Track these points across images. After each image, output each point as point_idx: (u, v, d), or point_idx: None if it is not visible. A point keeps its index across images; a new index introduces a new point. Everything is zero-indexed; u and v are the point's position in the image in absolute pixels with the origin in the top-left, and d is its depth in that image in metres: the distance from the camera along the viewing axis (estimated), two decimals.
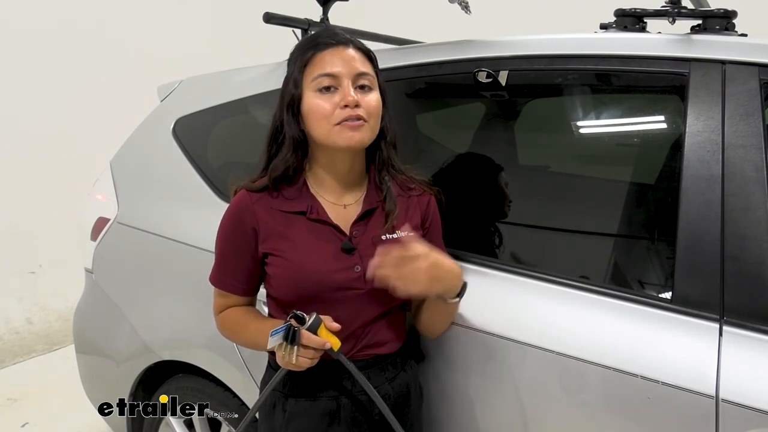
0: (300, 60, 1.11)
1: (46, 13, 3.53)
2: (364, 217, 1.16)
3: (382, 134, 1.17)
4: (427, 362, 1.32)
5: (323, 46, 1.10)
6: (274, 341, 1.01)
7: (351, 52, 1.10)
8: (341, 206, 1.17)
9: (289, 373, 1.11)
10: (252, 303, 1.26)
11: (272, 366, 1.24)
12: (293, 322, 1.02)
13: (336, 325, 1.06)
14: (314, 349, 1.02)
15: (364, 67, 1.10)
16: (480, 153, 1.58)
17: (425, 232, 1.23)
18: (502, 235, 1.45)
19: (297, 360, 1.02)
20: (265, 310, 1.28)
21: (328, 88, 1.08)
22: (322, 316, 1.05)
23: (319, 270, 1.11)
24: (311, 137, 1.13)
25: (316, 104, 1.08)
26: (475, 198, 1.51)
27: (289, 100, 1.12)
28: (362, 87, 1.10)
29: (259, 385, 1.32)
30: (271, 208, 1.14)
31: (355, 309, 1.13)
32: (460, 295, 1.13)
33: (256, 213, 1.14)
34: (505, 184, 1.47)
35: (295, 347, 1.01)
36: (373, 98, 1.10)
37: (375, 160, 1.20)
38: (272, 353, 1.21)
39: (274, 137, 1.17)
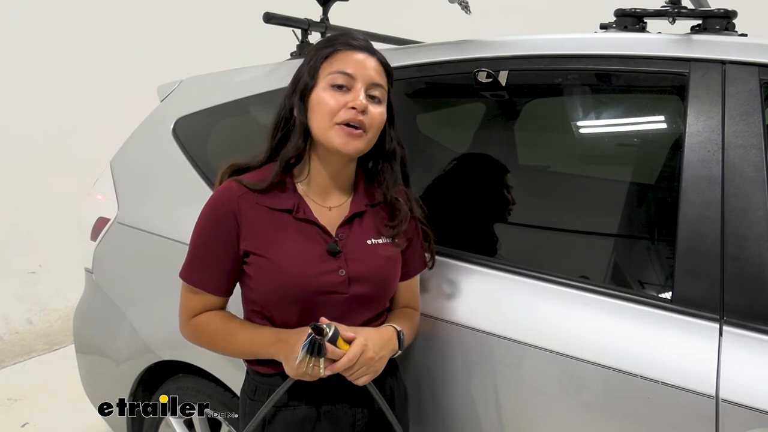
0: (322, 51, 1.11)
1: (46, 13, 3.53)
2: (350, 220, 1.15)
3: (383, 152, 1.17)
4: (426, 362, 1.32)
5: (349, 47, 1.10)
6: (301, 355, 1.01)
7: (372, 61, 1.11)
8: (327, 208, 1.15)
9: (267, 382, 1.13)
10: (224, 306, 1.20)
11: (251, 375, 1.20)
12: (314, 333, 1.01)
13: (351, 335, 1.05)
14: (334, 360, 1.03)
15: (381, 77, 1.11)
16: (480, 153, 1.58)
17: (408, 242, 1.22)
18: (502, 235, 1.45)
19: (323, 372, 1.02)
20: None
21: (341, 87, 1.08)
22: (335, 325, 1.04)
23: (303, 272, 1.09)
24: (310, 129, 1.12)
25: (324, 98, 1.08)
26: (475, 198, 1.51)
27: (302, 88, 1.11)
28: (372, 97, 1.10)
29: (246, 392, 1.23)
30: (256, 204, 1.11)
31: (340, 315, 1.11)
32: (401, 347, 1.15)
33: (240, 207, 1.10)
34: (505, 184, 1.47)
35: (321, 359, 1.01)
36: (380, 111, 1.11)
37: (367, 174, 1.20)
38: (249, 362, 1.20)
39: (281, 125, 1.14)
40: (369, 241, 1.15)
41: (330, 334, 1.01)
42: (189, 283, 1.16)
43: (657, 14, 1.39)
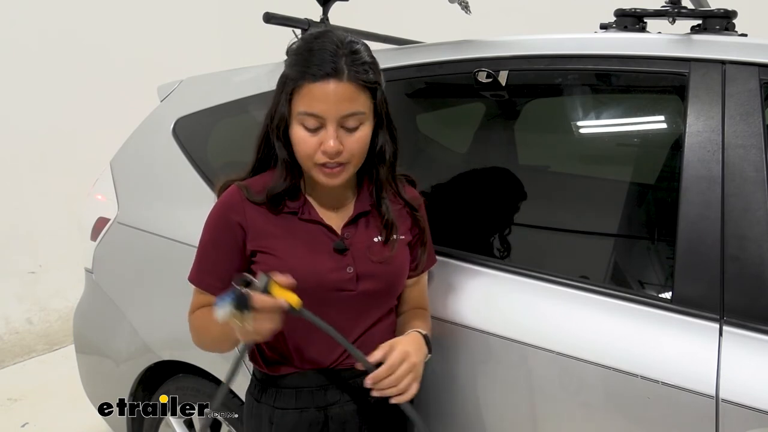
0: (288, 84, 1.05)
1: (46, 14, 3.53)
2: (355, 220, 1.16)
3: (380, 156, 1.13)
4: (427, 362, 1.32)
5: (312, 77, 1.00)
6: (223, 312, 0.88)
7: (342, 88, 1.00)
8: (332, 210, 1.16)
9: (275, 384, 1.11)
10: None
11: (257, 377, 1.21)
12: (240, 286, 0.90)
13: (290, 280, 0.97)
14: (270, 311, 0.94)
15: (354, 104, 1.02)
16: (480, 153, 1.58)
17: (414, 239, 1.22)
18: (502, 235, 1.45)
19: (255, 327, 0.93)
20: None
21: (312, 124, 1.03)
22: (271, 273, 0.95)
23: (313, 269, 1.09)
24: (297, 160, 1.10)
25: (300, 138, 1.05)
26: (475, 198, 1.51)
27: (277, 122, 1.08)
28: (349, 124, 1.04)
29: (252, 394, 1.24)
30: (261, 206, 1.12)
31: (350, 314, 1.12)
32: (430, 350, 1.15)
33: (246, 210, 1.11)
34: (505, 184, 1.47)
35: (249, 313, 0.89)
36: (358, 137, 1.05)
37: (369, 176, 1.17)
38: (255, 363, 1.19)
39: (264, 142, 1.14)
40: (376, 239, 1.15)
41: (257, 283, 0.90)
42: (197, 286, 1.17)
43: (657, 14, 1.39)
